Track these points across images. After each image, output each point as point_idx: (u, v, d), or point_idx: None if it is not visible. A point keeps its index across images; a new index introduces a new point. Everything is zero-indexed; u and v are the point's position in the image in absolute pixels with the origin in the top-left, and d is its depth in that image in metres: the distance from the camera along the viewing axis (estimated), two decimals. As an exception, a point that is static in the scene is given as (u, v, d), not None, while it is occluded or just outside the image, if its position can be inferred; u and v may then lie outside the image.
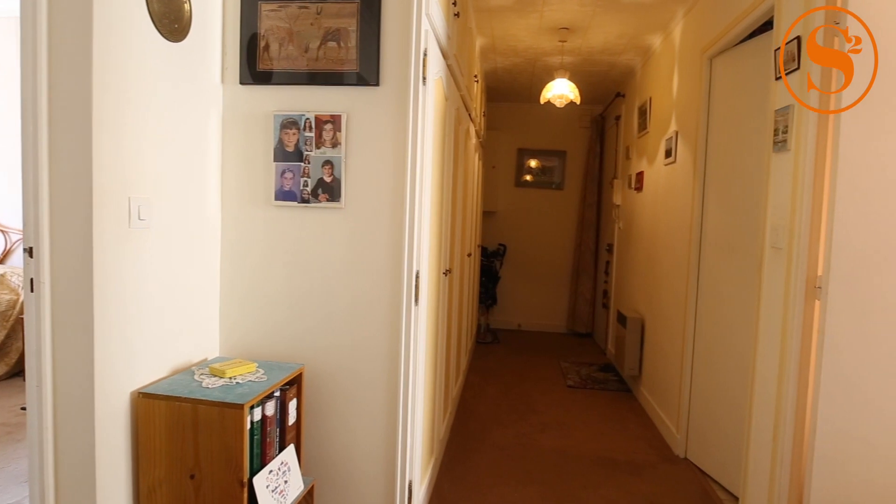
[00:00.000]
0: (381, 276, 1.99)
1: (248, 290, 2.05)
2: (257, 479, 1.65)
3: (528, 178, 6.50)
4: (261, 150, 2.01)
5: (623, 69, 4.92)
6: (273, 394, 1.76)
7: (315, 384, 2.03)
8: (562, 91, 4.32)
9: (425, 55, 2.02)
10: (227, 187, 2.04)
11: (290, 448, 1.84)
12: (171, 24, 1.70)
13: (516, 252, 6.44)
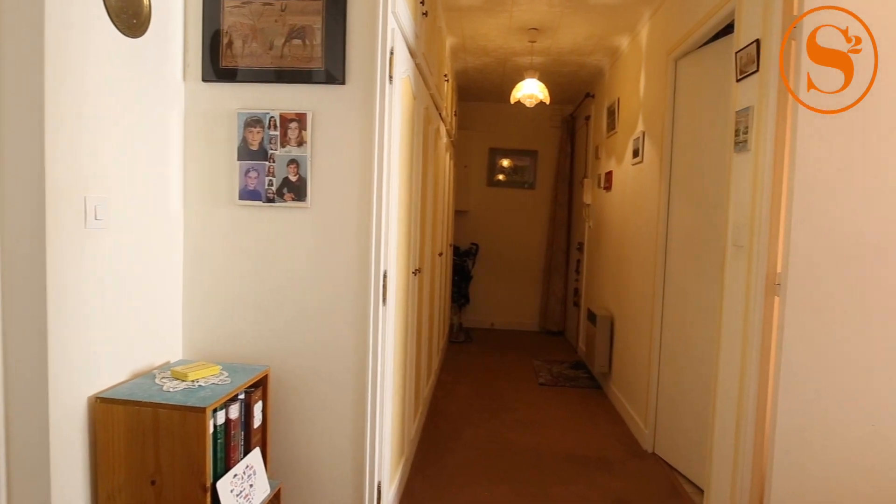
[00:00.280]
0: (348, 275, 1.97)
1: (212, 291, 2.01)
2: (221, 484, 1.62)
3: (500, 177, 6.54)
4: (224, 148, 1.98)
5: (592, 70, 4.97)
6: (237, 396, 1.74)
7: (281, 386, 2.01)
8: (531, 91, 4.35)
9: (392, 54, 2.01)
10: (189, 186, 2.00)
11: (256, 451, 1.82)
12: (130, 18, 1.66)
13: (489, 251, 6.46)
